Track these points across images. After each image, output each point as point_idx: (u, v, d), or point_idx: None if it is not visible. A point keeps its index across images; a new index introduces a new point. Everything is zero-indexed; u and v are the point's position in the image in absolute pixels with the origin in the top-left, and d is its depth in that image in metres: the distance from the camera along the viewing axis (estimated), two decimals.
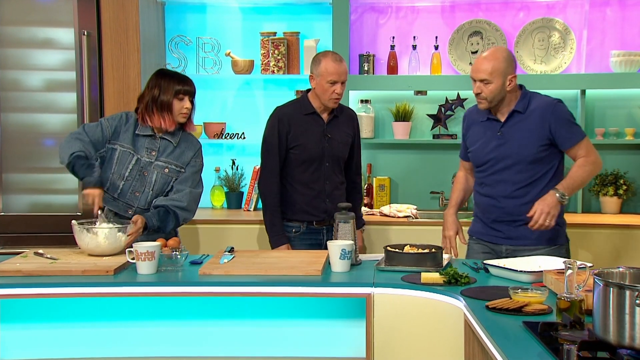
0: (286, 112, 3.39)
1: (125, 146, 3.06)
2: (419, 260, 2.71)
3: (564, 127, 2.98)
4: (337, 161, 3.39)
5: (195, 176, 3.14)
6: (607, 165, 4.38)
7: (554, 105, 3.01)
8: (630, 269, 1.80)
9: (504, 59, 2.99)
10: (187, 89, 3.08)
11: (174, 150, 3.11)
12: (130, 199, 3.08)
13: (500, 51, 3.03)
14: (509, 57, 3.03)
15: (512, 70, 3.01)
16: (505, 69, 2.97)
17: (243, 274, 2.62)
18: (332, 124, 3.39)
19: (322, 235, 3.40)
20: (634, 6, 4.33)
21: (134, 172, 3.06)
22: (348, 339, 2.56)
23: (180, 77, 3.12)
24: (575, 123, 3.06)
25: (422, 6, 4.45)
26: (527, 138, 2.99)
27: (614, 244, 3.91)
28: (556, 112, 2.99)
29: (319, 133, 3.36)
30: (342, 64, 3.29)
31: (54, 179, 4.03)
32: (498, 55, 3.00)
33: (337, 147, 3.39)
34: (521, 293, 2.14)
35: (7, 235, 3.92)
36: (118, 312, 2.60)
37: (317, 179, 3.36)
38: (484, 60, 3.00)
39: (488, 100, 3.01)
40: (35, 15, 3.97)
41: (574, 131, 3.01)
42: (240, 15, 4.54)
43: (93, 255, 2.83)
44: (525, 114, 3.02)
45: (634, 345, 1.59)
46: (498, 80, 2.96)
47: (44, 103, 4.03)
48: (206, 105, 4.56)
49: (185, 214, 3.07)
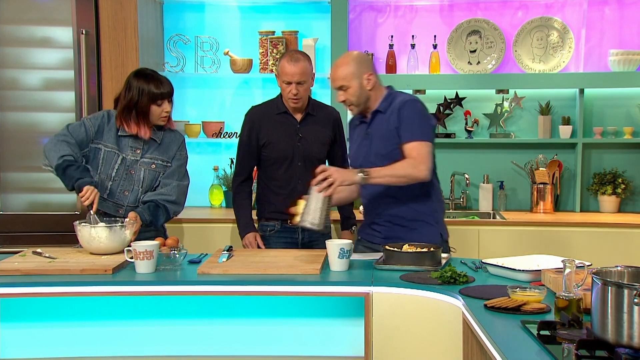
0: (258, 111, 3.41)
1: (110, 146, 3.04)
2: (417, 259, 2.71)
3: (405, 122, 2.89)
4: (310, 161, 3.32)
5: (181, 169, 3.14)
6: (605, 164, 4.40)
7: (404, 103, 2.94)
8: (629, 268, 1.80)
9: (353, 61, 2.95)
10: (164, 92, 3.02)
11: (159, 147, 3.10)
12: (120, 199, 3.07)
13: (348, 55, 3.01)
14: (359, 57, 2.99)
15: (367, 69, 2.96)
16: (357, 70, 2.93)
17: (242, 273, 2.62)
18: (306, 123, 3.36)
19: (298, 234, 3.38)
20: (632, 5, 4.33)
21: (121, 171, 3.05)
22: (347, 338, 2.56)
23: (157, 80, 3.03)
24: (424, 124, 2.92)
25: (420, 5, 4.45)
26: (386, 137, 2.96)
27: (612, 242, 3.91)
28: (404, 108, 2.92)
29: (290, 132, 3.33)
30: (297, 65, 3.21)
31: (52, 178, 3.97)
32: (347, 59, 2.96)
33: (311, 147, 3.35)
34: (519, 292, 2.14)
35: (5, 234, 3.92)
36: (116, 311, 2.60)
37: (289, 178, 3.34)
38: (335, 68, 2.97)
39: (355, 104, 2.98)
40: (33, 14, 3.97)
41: (413, 129, 2.89)
42: (239, 14, 4.54)
43: (95, 253, 2.82)
44: (386, 114, 2.97)
45: (632, 344, 1.59)
46: (354, 82, 2.92)
47: (42, 102, 4.03)
48: (205, 104, 4.56)
49: (174, 207, 3.06)
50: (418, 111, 2.94)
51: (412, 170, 2.83)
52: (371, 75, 2.97)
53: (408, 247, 2.81)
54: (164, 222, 3.06)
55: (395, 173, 2.83)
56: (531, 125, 4.44)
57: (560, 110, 4.41)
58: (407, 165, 2.84)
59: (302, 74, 3.23)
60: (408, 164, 2.84)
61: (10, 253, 2.99)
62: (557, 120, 4.40)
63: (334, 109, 3.55)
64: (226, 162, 4.51)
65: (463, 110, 4.46)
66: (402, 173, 2.83)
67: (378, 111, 3.00)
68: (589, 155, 4.41)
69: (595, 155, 4.42)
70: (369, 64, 3.01)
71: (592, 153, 4.42)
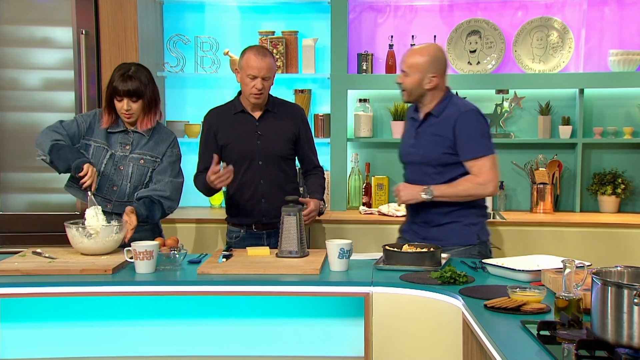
0: (215, 111, 3.38)
1: (99, 142, 3.05)
2: (417, 260, 2.71)
3: (465, 138, 2.92)
4: (273, 159, 3.27)
5: (174, 166, 3.12)
6: (605, 164, 4.40)
7: (461, 115, 2.94)
8: (629, 268, 1.80)
9: (428, 56, 2.96)
10: (121, 89, 2.96)
11: (148, 142, 3.09)
12: (108, 193, 3.08)
13: (427, 49, 3.02)
14: (435, 56, 2.98)
15: (435, 70, 2.96)
16: (425, 66, 2.95)
17: (241, 273, 2.62)
18: (265, 121, 3.29)
19: (263, 240, 3.32)
20: (632, 5, 4.33)
21: (109, 166, 3.06)
22: (346, 338, 2.56)
23: (123, 76, 2.97)
24: (485, 137, 2.95)
25: (420, 5, 4.45)
26: (435, 142, 2.97)
27: (612, 243, 3.91)
28: (462, 122, 2.93)
29: (249, 131, 3.27)
30: (264, 60, 3.16)
31: (51, 178, 4.00)
32: (423, 52, 2.99)
33: (272, 145, 3.27)
34: (519, 292, 2.14)
35: (5, 234, 3.92)
36: (116, 311, 2.60)
37: (251, 179, 3.28)
38: (409, 53, 3.02)
39: (407, 92, 3.02)
40: (33, 14, 3.97)
41: (476, 147, 2.93)
42: (239, 14, 4.54)
43: (87, 255, 2.83)
44: (439, 119, 2.98)
45: (632, 344, 1.59)
46: (416, 75, 2.95)
47: (42, 102, 4.03)
48: (204, 104, 4.54)
49: (169, 202, 3.06)
50: (477, 124, 2.95)
51: (479, 191, 2.93)
52: (435, 78, 2.97)
53: (408, 247, 2.81)
54: (159, 218, 3.06)
55: (460, 194, 2.94)
56: (531, 126, 4.44)
57: (560, 111, 4.41)
58: (473, 187, 2.92)
59: (269, 68, 3.18)
60: (474, 185, 2.92)
61: (10, 253, 2.99)
62: (557, 121, 4.40)
63: (297, 105, 3.50)
64: None
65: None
66: (467, 194, 2.94)
67: (431, 114, 3.01)
68: (588, 155, 4.41)
69: (595, 155, 4.42)
70: (441, 65, 3.00)
71: (592, 153, 4.42)
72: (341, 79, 4.29)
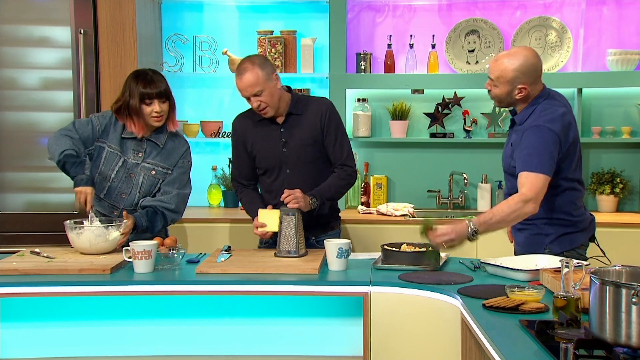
0: (242, 117, 3.25)
1: (113, 147, 3.04)
2: (415, 259, 2.71)
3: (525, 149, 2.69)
4: (300, 166, 3.12)
5: (183, 177, 3.11)
6: (603, 164, 4.40)
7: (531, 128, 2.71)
8: (627, 268, 1.80)
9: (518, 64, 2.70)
10: (152, 92, 2.96)
11: (161, 152, 3.07)
12: (116, 200, 3.07)
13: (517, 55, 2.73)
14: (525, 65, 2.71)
15: (526, 80, 2.71)
16: (514, 78, 2.71)
17: (240, 273, 2.62)
18: (289, 126, 3.13)
19: None
20: (630, 5, 4.33)
21: (121, 173, 3.04)
22: (345, 338, 2.56)
23: (147, 80, 2.98)
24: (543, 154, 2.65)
25: (419, 5, 4.45)
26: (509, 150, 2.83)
27: (610, 242, 3.90)
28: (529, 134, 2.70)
29: (274, 140, 3.13)
30: (243, 79, 2.98)
31: (50, 178, 4.02)
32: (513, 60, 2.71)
33: (297, 152, 3.11)
34: (518, 291, 2.15)
35: (3, 233, 3.92)
36: (115, 311, 2.60)
37: (279, 187, 3.09)
38: (499, 60, 2.75)
39: (496, 100, 2.84)
40: (31, 13, 3.97)
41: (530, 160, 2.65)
42: (237, 13, 4.53)
43: (85, 253, 2.83)
44: (521, 127, 2.76)
45: (630, 344, 1.59)
46: (505, 86, 2.74)
47: (41, 102, 4.02)
48: (203, 103, 4.56)
49: (173, 215, 3.06)
50: (542, 140, 2.66)
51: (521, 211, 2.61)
52: (525, 88, 2.72)
53: (406, 246, 2.81)
54: (160, 229, 3.06)
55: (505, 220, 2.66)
56: None
57: None
58: (514, 209, 2.61)
59: (253, 84, 2.98)
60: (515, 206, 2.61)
61: (8, 253, 2.99)
62: None
63: (323, 100, 3.27)
64: (225, 161, 4.51)
65: (461, 110, 4.45)
66: (511, 218, 2.65)
67: (515, 122, 2.83)
68: (587, 154, 4.41)
69: (593, 154, 4.42)
70: (532, 75, 2.73)
71: (591, 153, 4.42)
72: (340, 78, 4.30)
